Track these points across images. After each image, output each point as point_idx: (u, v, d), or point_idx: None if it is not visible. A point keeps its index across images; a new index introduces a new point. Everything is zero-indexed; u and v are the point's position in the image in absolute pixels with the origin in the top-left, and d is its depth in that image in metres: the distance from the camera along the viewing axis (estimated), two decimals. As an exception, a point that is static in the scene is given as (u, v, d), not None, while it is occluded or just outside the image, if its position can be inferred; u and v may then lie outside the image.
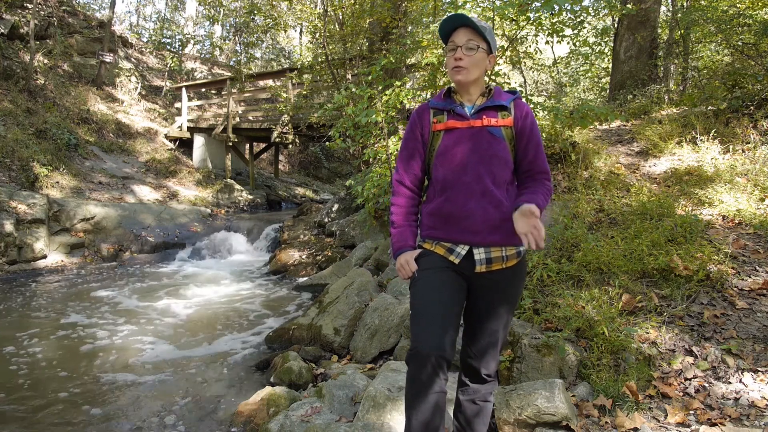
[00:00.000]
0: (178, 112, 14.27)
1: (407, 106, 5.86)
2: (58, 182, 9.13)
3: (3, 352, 4.18)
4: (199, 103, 14.78)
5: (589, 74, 13.87)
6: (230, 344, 4.46)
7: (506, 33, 6.83)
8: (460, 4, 5.84)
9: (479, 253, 1.78)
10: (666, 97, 8.15)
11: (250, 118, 13.23)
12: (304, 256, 7.44)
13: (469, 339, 1.91)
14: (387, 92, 5.64)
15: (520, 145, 1.83)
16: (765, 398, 2.33)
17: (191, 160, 13.32)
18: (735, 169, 4.59)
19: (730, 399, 2.38)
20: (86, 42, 14.55)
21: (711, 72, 8.11)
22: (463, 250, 1.79)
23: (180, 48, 19.37)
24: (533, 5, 5.07)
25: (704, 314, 2.87)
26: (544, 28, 6.02)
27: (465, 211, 1.76)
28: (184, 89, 13.78)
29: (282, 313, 5.37)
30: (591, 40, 10.74)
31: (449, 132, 1.81)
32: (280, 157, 16.00)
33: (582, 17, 6.89)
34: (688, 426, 2.26)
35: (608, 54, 11.10)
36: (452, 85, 1.91)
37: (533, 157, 1.84)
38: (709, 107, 5.95)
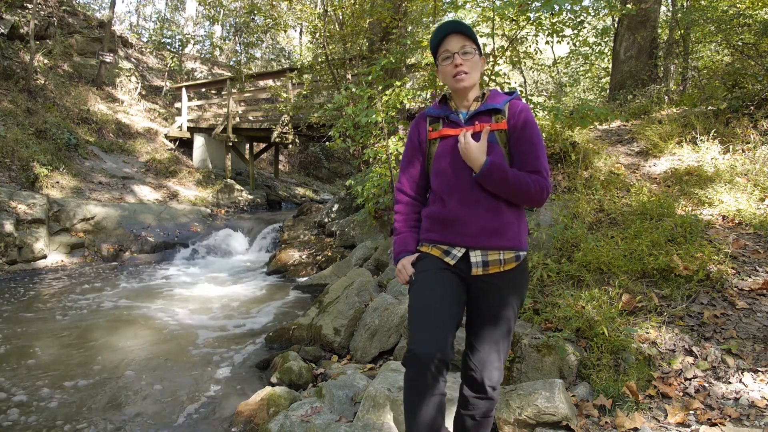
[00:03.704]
0: (178, 112, 14.28)
1: (407, 106, 5.86)
2: (58, 182, 9.13)
3: (1, 352, 4.18)
4: (199, 103, 14.78)
5: (589, 74, 13.86)
6: (230, 344, 4.46)
7: (506, 33, 6.82)
8: (460, 3, 5.84)
9: (475, 256, 1.76)
10: (666, 97, 8.14)
11: (250, 118, 13.23)
12: (304, 256, 7.44)
13: (470, 349, 1.85)
14: (387, 92, 5.64)
15: (512, 142, 1.78)
16: (765, 398, 2.33)
17: (191, 160, 13.32)
18: (735, 169, 4.58)
19: (730, 399, 2.38)
20: (86, 42, 14.55)
21: (711, 72, 8.09)
22: (459, 252, 1.78)
23: (180, 48, 19.37)
24: (533, 5, 5.07)
25: (704, 314, 2.87)
26: (544, 28, 6.01)
27: (459, 217, 1.77)
28: (184, 89, 13.78)
29: (282, 313, 5.37)
30: (591, 40, 10.74)
31: (443, 140, 1.84)
32: (280, 157, 16.00)
33: (582, 17, 6.89)
34: (688, 426, 2.26)
35: (608, 54, 11.08)
36: (448, 91, 1.90)
37: (524, 154, 1.76)
38: (709, 107, 5.94)
